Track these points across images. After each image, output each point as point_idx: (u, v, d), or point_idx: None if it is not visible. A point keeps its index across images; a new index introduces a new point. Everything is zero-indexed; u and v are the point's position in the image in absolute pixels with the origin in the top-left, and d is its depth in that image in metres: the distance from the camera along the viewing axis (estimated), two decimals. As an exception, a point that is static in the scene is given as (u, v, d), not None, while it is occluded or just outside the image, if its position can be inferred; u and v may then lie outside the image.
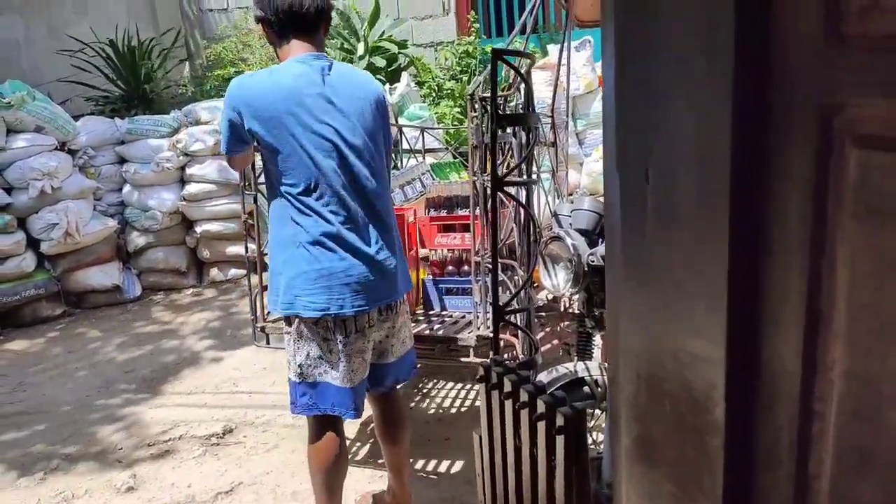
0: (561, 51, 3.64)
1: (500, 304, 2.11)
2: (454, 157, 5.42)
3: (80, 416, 3.38)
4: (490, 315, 2.64)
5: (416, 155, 5.16)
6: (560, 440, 1.08)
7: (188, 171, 5.47)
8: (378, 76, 7.15)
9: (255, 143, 1.92)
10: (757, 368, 0.58)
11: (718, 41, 0.52)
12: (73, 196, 5.05)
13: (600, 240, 2.22)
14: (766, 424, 0.58)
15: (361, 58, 7.22)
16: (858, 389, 0.49)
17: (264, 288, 2.85)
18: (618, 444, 0.80)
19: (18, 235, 4.87)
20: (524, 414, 1.16)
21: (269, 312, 2.89)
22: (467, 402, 3.23)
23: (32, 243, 4.98)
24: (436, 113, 6.95)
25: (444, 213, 3.33)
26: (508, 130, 2.52)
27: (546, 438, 1.11)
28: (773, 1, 0.51)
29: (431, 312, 3.11)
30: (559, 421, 1.07)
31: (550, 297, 3.60)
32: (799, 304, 0.52)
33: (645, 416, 0.73)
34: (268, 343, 2.87)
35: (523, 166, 2.28)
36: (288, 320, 1.93)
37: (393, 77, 7.28)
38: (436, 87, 7.22)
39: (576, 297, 2.45)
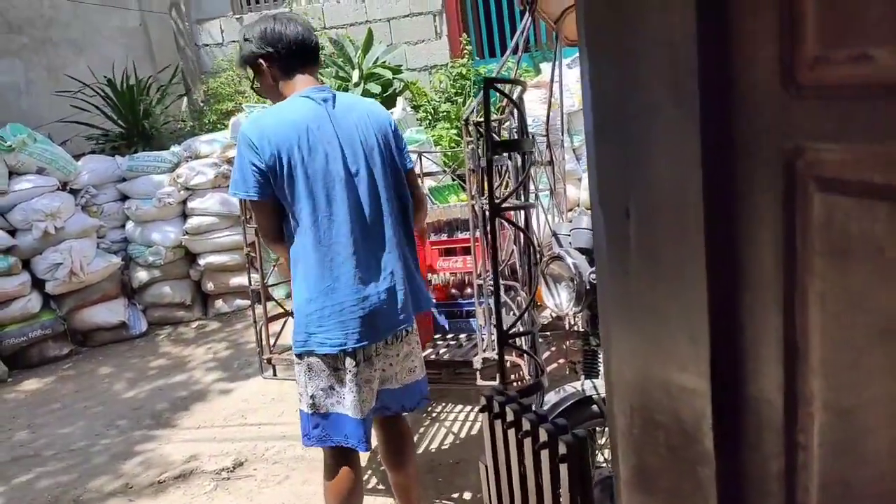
0: (553, 70, 3.69)
1: (504, 326, 2.12)
2: (453, 180, 5.46)
3: (90, 456, 3.39)
4: (494, 338, 2.66)
5: (415, 179, 5.20)
6: (563, 468, 1.09)
7: (189, 204, 5.52)
8: (374, 102, 7.22)
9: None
10: (742, 400, 0.59)
11: (684, 88, 0.54)
12: (76, 235, 5.09)
13: (600, 259, 2.24)
14: (755, 455, 0.59)
15: (357, 85, 7.29)
16: (837, 421, 0.51)
17: (270, 319, 2.87)
18: (618, 474, 0.82)
19: (23, 277, 4.91)
20: (527, 443, 1.17)
21: (274, 344, 2.91)
22: (476, 425, 3.23)
23: (37, 284, 5.02)
24: (433, 136, 7.00)
25: (444, 236, 3.35)
26: (504, 154, 2.54)
27: (550, 466, 1.12)
28: (733, 48, 0.53)
29: (437, 336, 3.12)
30: (562, 449, 1.08)
31: (555, 315, 3.61)
32: (777, 339, 0.54)
33: (640, 446, 0.74)
34: (274, 374, 2.88)
35: (520, 191, 2.30)
36: (299, 355, 1.93)
37: (388, 102, 7.35)
38: (432, 111, 7.29)
39: (579, 315, 2.47)
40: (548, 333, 3.41)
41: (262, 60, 1.92)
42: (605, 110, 0.65)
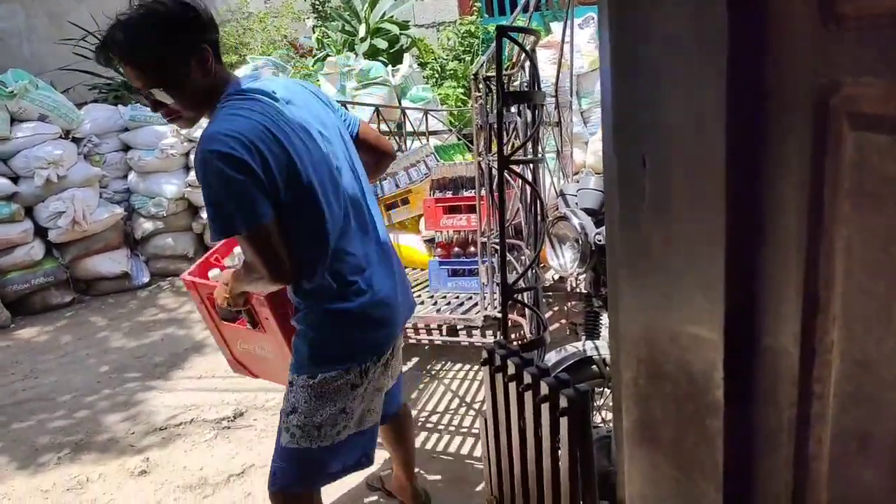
0: (564, 29, 3.61)
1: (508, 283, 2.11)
2: (458, 139, 5.40)
3: (92, 403, 3.42)
4: (496, 296, 2.66)
5: (420, 137, 5.15)
6: (564, 422, 1.08)
7: (192, 156, 5.47)
8: (380, 58, 7.10)
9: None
10: (755, 351, 0.58)
11: (712, 23, 0.51)
12: (78, 184, 5.06)
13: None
14: (766, 406, 0.58)
15: (363, 40, 7.17)
16: (856, 372, 0.49)
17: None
18: (619, 427, 0.81)
19: (26, 224, 4.90)
20: (528, 396, 1.17)
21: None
22: (474, 384, 3.24)
23: (40, 232, 5.01)
24: (439, 94, 6.91)
25: (449, 194, 3.32)
26: (513, 110, 2.50)
27: (550, 420, 1.12)
28: (769, -20, 0.50)
29: (437, 294, 3.12)
30: (563, 403, 1.08)
31: (557, 277, 3.61)
32: (797, 288, 0.52)
33: (645, 398, 0.73)
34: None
35: (528, 145, 2.27)
36: (313, 375, 1.57)
37: (395, 59, 7.23)
38: (439, 68, 7.18)
39: (583, 276, 2.46)
40: (549, 294, 3.40)
41: (210, 49, 1.44)
42: (624, 47, 0.62)
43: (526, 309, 2.58)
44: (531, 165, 2.39)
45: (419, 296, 3.16)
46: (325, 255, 1.51)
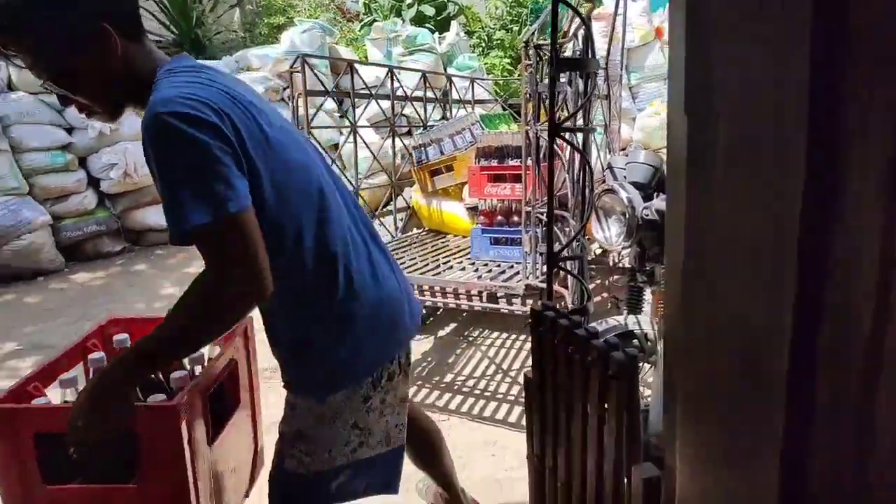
0: (617, 1, 3.54)
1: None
2: (503, 109, 5.37)
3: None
4: (539, 265, 2.67)
5: (466, 105, 5.14)
6: (613, 386, 1.10)
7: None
8: (427, 25, 7.05)
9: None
10: (824, 316, 0.59)
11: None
12: (130, 138, 5.19)
13: (655, 194, 2.20)
14: (832, 373, 0.59)
15: (410, 6, 7.13)
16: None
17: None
18: (671, 394, 0.82)
19: (80, 174, 5.06)
20: (576, 359, 1.19)
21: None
22: (511, 352, 3.28)
23: (93, 182, 5.17)
24: (485, 63, 6.85)
25: (494, 162, 3.32)
26: (563, 80, 2.48)
27: (599, 384, 1.14)
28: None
29: (479, 261, 3.14)
30: (612, 366, 1.10)
31: (599, 251, 3.60)
32: (874, 250, 0.53)
33: (702, 364, 0.74)
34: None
35: (579, 114, 2.25)
36: (325, 397, 1.26)
37: (442, 26, 7.18)
38: (485, 38, 7.12)
39: (626, 251, 2.45)
40: (592, 268, 3.40)
41: (106, 25, 1.10)
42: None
43: (569, 280, 2.59)
44: (581, 135, 2.38)
45: (461, 262, 3.19)
46: (325, 242, 1.21)
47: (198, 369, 1.43)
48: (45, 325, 3.92)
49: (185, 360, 1.45)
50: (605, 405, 1.15)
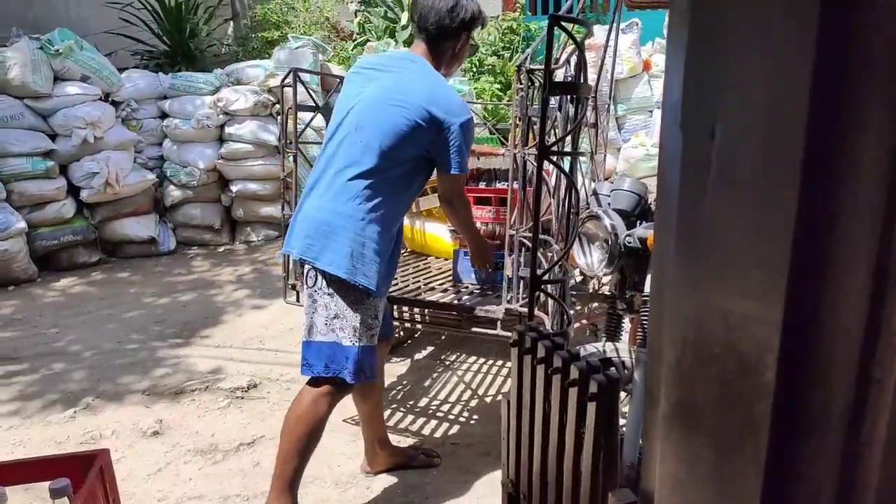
0: (609, 31, 3.58)
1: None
2: (491, 133, 5.39)
3: (111, 361, 3.47)
4: (521, 290, 2.64)
5: (454, 128, 5.13)
6: (592, 407, 1.07)
7: (227, 129, 5.52)
8: (420, 47, 7.10)
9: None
10: (813, 330, 0.56)
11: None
12: (114, 147, 5.14)
13: (638, 222, 2.19)
14: (819, 389, 0.57)
15: (404, 28, 7.18)
16: (925, 356, 0.48)
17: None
18: (654, 411, 0.80)
19: (60, 181, 4.98)
20: (556, 380, 1.16)
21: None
22: (488, 377, 3.24)
23: (73, 190, 5.09)
24: (475, 88, 6.89)
25: (482, 185, 3.31)
26: (553, 103, 2.49)
27: (577, 406, 1.11)
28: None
29: (461, 284, 3.11)
30: (592, 388, 1.07)
31: (579, 278, 3.59)
32: (867, 261, 0.51)
33: (688, 380, 0.72)
34: (297, 300, 2.90)
35: (567, 139, 2.25)
36: (370, 294, 2.02)
37: (435, 49, 7.23)
38: (477, 62, 7.16)
39: (607, 278, 2.44)
40: (572, 294, 3.38)
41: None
42: (700, 17, 0.61)
43: (549, 305, 2.56)
44: (568, 160, 2.38)
45: (443, 284, 3.16)
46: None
47: None
48: (13, 334, 3.83)
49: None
50: (583, 429, 1.12)
